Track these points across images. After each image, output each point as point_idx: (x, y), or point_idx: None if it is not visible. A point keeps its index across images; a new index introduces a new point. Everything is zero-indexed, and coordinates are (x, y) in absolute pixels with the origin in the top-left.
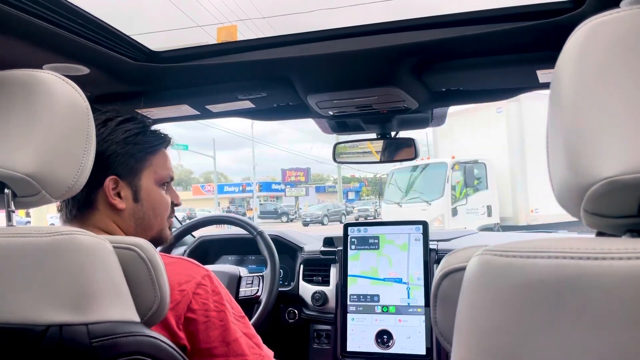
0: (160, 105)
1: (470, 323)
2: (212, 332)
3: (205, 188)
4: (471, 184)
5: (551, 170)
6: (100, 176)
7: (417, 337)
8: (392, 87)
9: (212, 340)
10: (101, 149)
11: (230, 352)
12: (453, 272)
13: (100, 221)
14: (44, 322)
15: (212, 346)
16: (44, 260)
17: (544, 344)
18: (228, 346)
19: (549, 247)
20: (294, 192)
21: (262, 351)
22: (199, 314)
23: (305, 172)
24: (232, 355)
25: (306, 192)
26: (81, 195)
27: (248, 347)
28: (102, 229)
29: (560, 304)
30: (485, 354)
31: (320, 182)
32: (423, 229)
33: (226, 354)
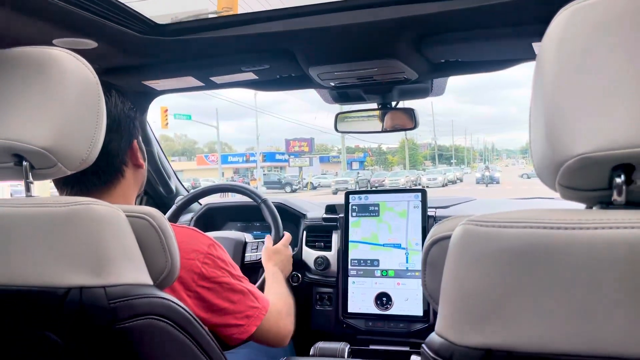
0: (166, 77)
1: (453, 286)
2: (220, 295)
3: (209, 158)
4: None
5: (532, 146)
6: (129, 139)
7: (414, 300)
8: (392, 59)
9: (219, 302)
10: (118, 115)
11: (235, 310)
12: (440, 240)
13: (127, 189)
14: (65, 285)
15: (219, 308)
16: (63, 228)
17: (518, 305)
18: (234, 305)
19: (524, 217)
20: (298, 163)
21: (259, 304)
22: (209, 282)
23: (309, 143)
24: (237, 312)
25: (310, 162)
26: (106, 165)
27: (247, 305)
28: (126, 197)
29: (533, 269)
30: (466, 312)
31: (324, 152)
32: (422, 196)
33: (232, 312)
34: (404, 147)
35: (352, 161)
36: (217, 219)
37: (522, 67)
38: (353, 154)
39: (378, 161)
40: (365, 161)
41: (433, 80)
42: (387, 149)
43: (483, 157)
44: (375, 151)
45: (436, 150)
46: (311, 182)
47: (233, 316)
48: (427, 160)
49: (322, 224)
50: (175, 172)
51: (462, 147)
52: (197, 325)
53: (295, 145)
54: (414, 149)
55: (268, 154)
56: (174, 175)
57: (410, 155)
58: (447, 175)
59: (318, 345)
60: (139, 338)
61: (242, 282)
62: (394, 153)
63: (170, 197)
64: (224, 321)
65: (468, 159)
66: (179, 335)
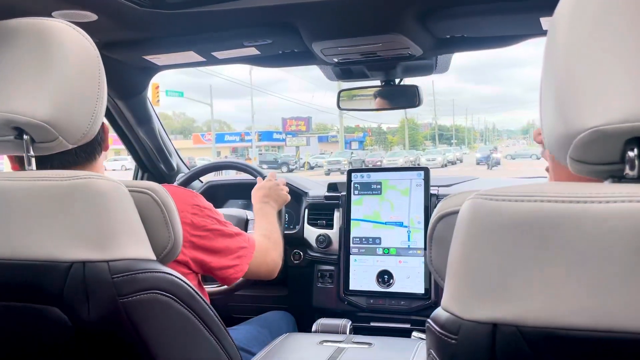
0: (167, 51)
1: (461, 260)
2: (213, 241)
3: (205, 137)
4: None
5: (542, 119)
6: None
7: (416, 277)
8: (396, 34)
9: (213, 247)
10: None
11: (228, 252)
12: (447, 215)
13: (99, 170)
14: (68, 259)
15: (214, 251)
16: (65, 202)
17: (526, 279)
18: (227, 247)
19: (535, 191)
20: (295, 142)
21: (248, 243)
22: (201, 230)
23: (306, 121)
24: (230, 254)
25: (307, 141)
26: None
27: (238, 246)
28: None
29: (543, 243)
30: (474, 287)
31: (323, 131)
32: (425, 175)
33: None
34: (405, 127)
35: (351, 141)
36: (219, 196)
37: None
38: (352, 133)
39: (378, 141)
40: (365, 141)
41: (437, 57)
42: (387, 129)
43: (484, 137)
44: (375, 131)
45: (436, 130)
46: (308, 161)
47: (227, 258)
48: (428, 140)
49: (324, 202)
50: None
51: (463, 127)
52: (201, 300)
53: (292, 124)
54: (414, 129)
55: (265, 133)
56: (175, 152)
57: (411, 135)
58: (447, 156)
59: (320, 322)
60: (143, 312)
61: (228, 226)
62: (394, 133)
63: (172, 174)
64: (220, 263)
65: (469, 139)
66: (183, 310)
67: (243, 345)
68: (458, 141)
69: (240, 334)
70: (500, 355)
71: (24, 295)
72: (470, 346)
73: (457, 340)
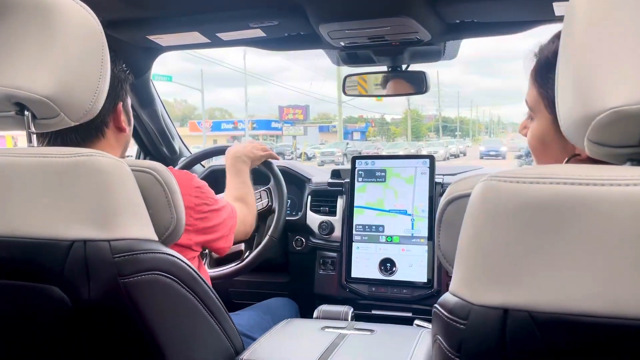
0: (171, 31)
1: (472, 245)
2: (210, 220)
3: (201, 125)
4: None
5: (559, 101)
6: (113, 101)
7: (419, 266)
8: (405, 17)
9: (210, 225)
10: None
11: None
12: (458, 199)
13: (108, 150)
14: (69, 238)
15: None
16: (66, 180)
17: (540, 263)
18: (220, 222)
19: (552, 173)
20: (292, 131)
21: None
22: (201, 213)
23: (303, 110)
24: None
25: (304, 131)
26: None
27: (227, 217)
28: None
29: (559, 226)
30: (485, 271)
31: (327, 121)
32: (430, 163)
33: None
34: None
35: (352, 131)
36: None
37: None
38: (355, 124)
39: (381, 132)
40: (367, 131)
41: (446, 43)
42: (391, 119)
43: (489, 129)
44: (378, 121)
45: (440, 122)
46: (305, 152)
47: (220, 231)
48: (432, 132)
49: (327, 188)
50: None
51: (467, 119)
52: (202, 283)
53: (289, 113)
54: (418, 120)
55: (262, 121)
56: (177, 136)
57: (414, 126)
58: (450, 149)
59: (321, 308)
60: (143, 293)
61: (218, 202)
62: (397, 124)
63: (174, 158)
64: (215, 236)
65: (473, 131)
66: (184, 292)
67: (245, 331)
68: (462, 133)
69: (243, 320)
70: (510, 340)
71: (23, 274)
72: (480, 331)
73: (466, 325)
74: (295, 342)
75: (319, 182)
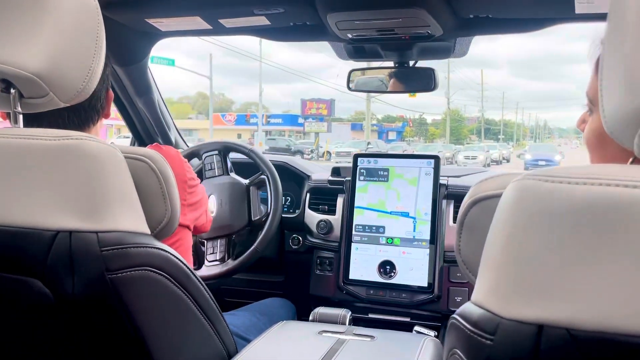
0: (171, 15)
1: (503, 251)
2: (196, 195)
3: (225, 117)
4: None
5: (604, 97)
6: (105, 84)
7: (420, 270)
8: (418, 9)
9: (197, 200)
10: None
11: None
12: (484, 200)
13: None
14: (54, 228)
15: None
16: (53, 164)
17: (584, 274)
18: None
19: (602, 173)
20: (314, 127)
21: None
22: (190, 187)
23: (328, 104)
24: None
25: (328, 127)
26: (89, 104)
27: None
28: None
29: (606, 232)
30: (518, 281)
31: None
32: (435, 163)
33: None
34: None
35: (388, 130)
36: None
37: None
38: (392, 123)
39: (419, 132)
40: (404, 131)
41: (456, 40)
42: (432, 121)
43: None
44: (417, 121)
45: (483, 124)
46: (328, 150)
47: (201, 208)
48: (473, 134)
49: (327, 186)
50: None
51: (512, 122)
52: (196, 280)
53: (312, 107)
54: (459, 121)
55: (288, 116)
56: (174, 126)
57: (455, 127)
58: (491, 154)
59: (318, 311)
60: (133, 291)
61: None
62: (437, 125)
63: None
64: (199, 213)
65: (518, 135)
66: (176, 290)
67: (241, 333)
68: (506, 137)
69: (238, 321)
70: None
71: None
72: (510, 349)
73: (494, 341)
74: (291, 347)
75: (319, 180)
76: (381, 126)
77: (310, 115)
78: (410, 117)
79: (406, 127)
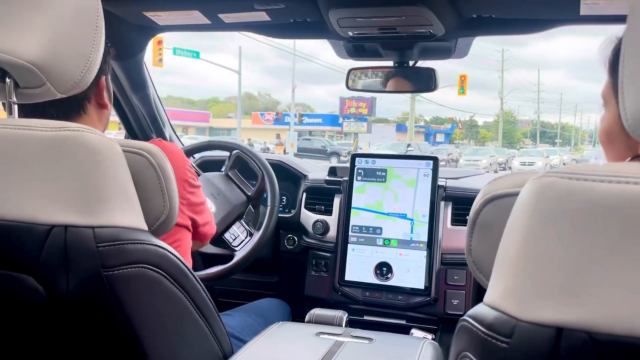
0: (170, 8)
1: (520, 252)
2: (198, 197)
3: (264, 117)
4: None
5: (624, 92)
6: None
7: (417, 272)
8: (421, 7)
9: (199, 204)
10: None
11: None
12: (499, 198)
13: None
14: (48, 222)
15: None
16: (48, 156)
17: (607, 275)
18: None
19: (622, 171)
20: (353, 128)
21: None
22: (192, 187)
23: (368, 103)
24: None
25: (368, 128)
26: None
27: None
28: None
29: (630, 233)
30: (537, 282)
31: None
32: (433, 164)
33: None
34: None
35: (436, 132)
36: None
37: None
38: (441, 124)
39: (468, 135)
40: (453, 133)
41: (458, 40)
42: (483, 123)
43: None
44: (467, 123)
45: (538, 126)
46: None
47: (205, 213)
48: (527, 138)
49: (323, 186)
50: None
51: (569, 126)
52: (193, 279)
53: (351, 106)
54: (512, 124)
55: (327, 116)
56: (168, 123)
57: (507, 130)
58: (551, 160)
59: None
60: (129, 288)
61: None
62: (489, 127)
63: None
64: (203, 219)
65: (576, 139)
66: (173, 289)
67: (236, 333)
68: (563, 141)
69: (234, 321)
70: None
71: None
72: (527, 352)
73: (510, 344)
74: (288, 348)
75: (316, 179)
76: (428, 127)
77: (349, 114)
78: (460, 118)
79: (455, 129)
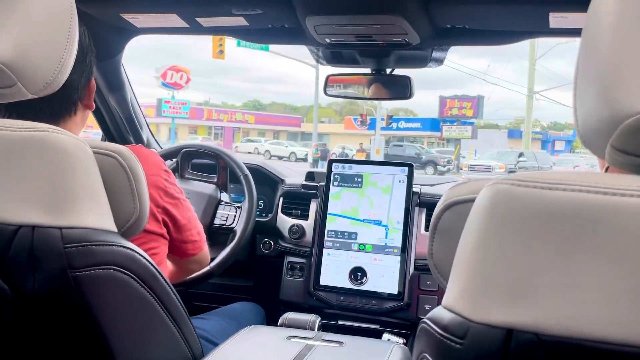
0: (147, 11)
1: (474, 254)
2: (180, 211)
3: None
4: None
5: (577, 106)
6: (88, 75)
7: (390, 277)
8: (396, 16)
9: (180, 218)
10: (86, 47)
11: (191, 227)
12: (458, 204)
13: (74, 128)
14: (15, 222)
15: (181, 223)
16: (17, 156)
17: (554, 279)
18: (189, 222)
19: (570, 179)
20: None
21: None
22: (170, 197)
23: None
24: (192, 229)
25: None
26: (62, 96)
27: (196, 225)
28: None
29: (579, 239)
30: (489, 285)
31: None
32: (408, 171)
33: (189, 229)
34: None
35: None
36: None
37: None
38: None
39: None
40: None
41: (433, 49)
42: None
43: None
44: None
45: None
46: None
47: (190, 232)
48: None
49: (300, 191)
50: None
51: None
52: (163, 282)
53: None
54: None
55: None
56: (146, 125)
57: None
58: None
59: (287, 316)
60: (96, 290)
61: (186, 200)
62: None
63: None
64: (184, 237)
65: None
66: (142, 291)
67: (210, 337)
68: None
69: (208, 324)
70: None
71: None
72: (479, 353)
73: (463, 345)
74: (258, 351)
75: (293, 184)
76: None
77: (450, 116)
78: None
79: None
